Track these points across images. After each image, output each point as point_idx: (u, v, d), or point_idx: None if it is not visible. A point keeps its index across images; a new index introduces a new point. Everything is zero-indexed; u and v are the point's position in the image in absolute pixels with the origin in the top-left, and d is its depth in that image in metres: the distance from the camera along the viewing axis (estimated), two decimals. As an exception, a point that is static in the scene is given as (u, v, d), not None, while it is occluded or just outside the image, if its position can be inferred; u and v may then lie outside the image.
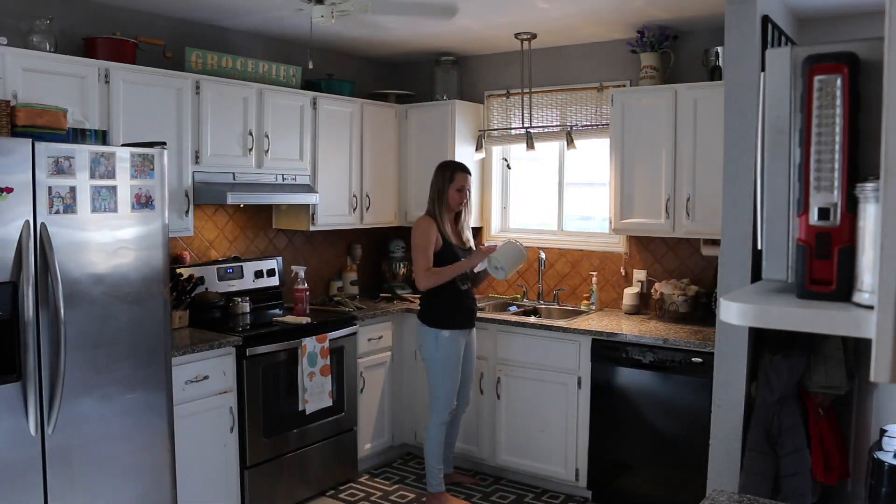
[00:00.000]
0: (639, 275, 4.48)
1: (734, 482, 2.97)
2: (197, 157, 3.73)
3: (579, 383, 3.98)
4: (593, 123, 4.62)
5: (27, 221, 2.61)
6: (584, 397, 3.98)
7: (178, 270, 3.87)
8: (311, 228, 4.41)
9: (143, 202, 3.00)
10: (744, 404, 2.99)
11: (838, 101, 1.02)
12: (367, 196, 4.74)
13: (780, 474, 2.90)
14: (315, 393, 3.91)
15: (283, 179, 4.18)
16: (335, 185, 4.52)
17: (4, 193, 2.54)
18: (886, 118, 0.86)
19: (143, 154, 2.99)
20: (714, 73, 3.99)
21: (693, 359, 3.62)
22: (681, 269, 4.33)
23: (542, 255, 4.75)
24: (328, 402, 4.00)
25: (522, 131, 4.76)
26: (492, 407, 4.32)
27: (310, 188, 4.32)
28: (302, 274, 4.30)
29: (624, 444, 3.89)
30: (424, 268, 3.78)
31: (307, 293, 4.23)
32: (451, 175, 3.89)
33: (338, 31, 4.28)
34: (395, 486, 4.27)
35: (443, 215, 3.87)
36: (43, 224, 2.66)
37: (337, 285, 4.90)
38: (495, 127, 5.02)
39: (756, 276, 2.85)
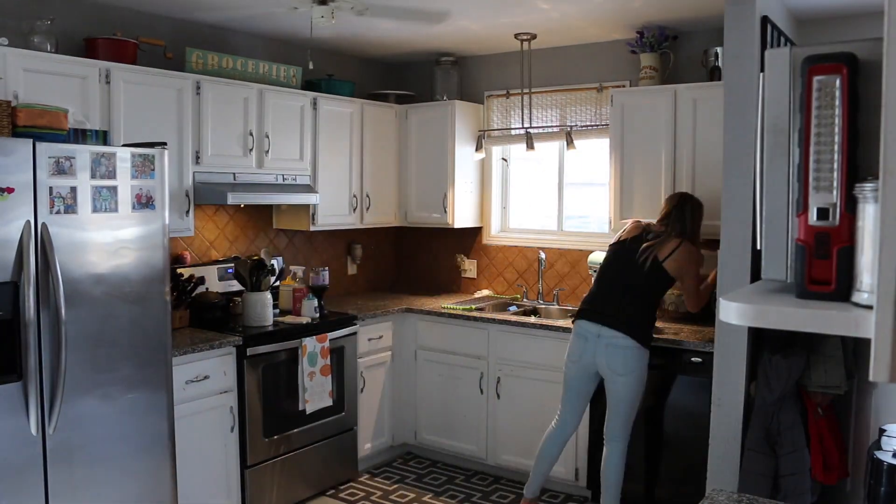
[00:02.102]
0: (638, 275, 4.47)
1: (733, 481, 2.97)
2: (197, 158, 3.73)
3: (579, 383, 3.98)
4: (593, 123, 4.63)
5: (28, 221, 2.61)
6: (584, 397, 3.98)
7: (179, 270, 3.87)
8: (312, 228, 4.42)
9: (144, 202, 3.00)
10: (743, 404, 3.00)
11: (837, 102, 1.03)
12: (368, 196, 4.74)
13: (779, 474, 2.91)
14: (315, 393, 3.91)
15: (284, 179, 4.18)
16: (335, 185, 4.52)
17: (5, 193, 2.54)
18: (885, 118, 0.87)
19: (143, 154, 2.99)
20: (713, 74, 3.99)
21: (693, 358, 3.62)
22: (680, 269, 4.33)
23: (542, 255, 4.76)
24: (328, 402, 4.00)
25: (522, 131, 4.77)
26: (492, 407, 4.33)
27: (310, 188, 4.32)
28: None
29: (624, 443, 3.89)
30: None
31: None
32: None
33: (338, 32, 4.29)
34: (395, 486, 4.27)
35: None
36: (44, 224, 2.66)
37: (337, 285, 4.91)
38: (495, 127, 5.02)
39: (755, 276, 2.86)
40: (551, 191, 4.93)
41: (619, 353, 3.46)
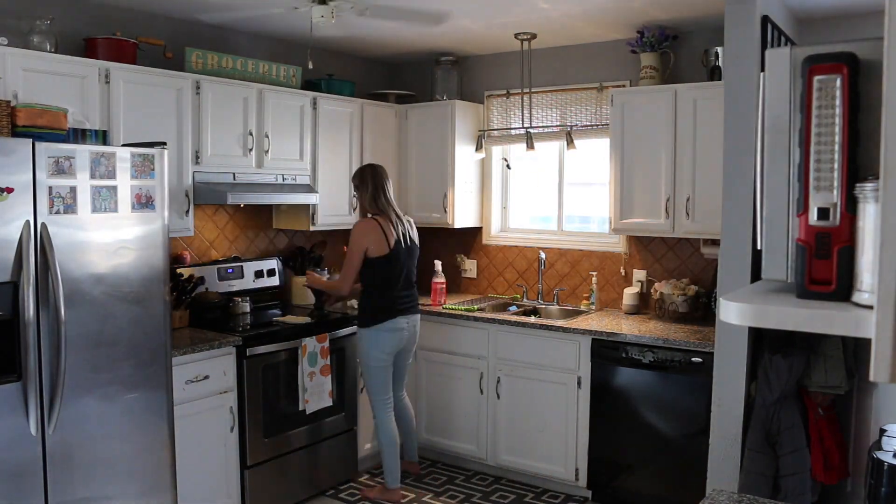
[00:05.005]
0: (638, 275, 4.48)
1: (734, 482, 2.97)
2: (197, 157, 3.73)
3: (579, 383, 3.99)
4: (593, 123, 4.63)
5: (28, 221, 2.61)
6: (584, 397, 3.98)
7: (179, 270, 3.87)
8: (312, 228, 4.42)
9: (144, 202, 3.00)
10: (743, 404, 3.00)
11: (838, 101, 1.03)
12: (367, 196, 4.74)
13: (779, 474, 2.91)
14: (315, 393, 3.91)
15: (283, 179, 4.18)
16: (335, 185, 4.52)
17: (5, 193, 2.54)
18: (886, 118, 0.87)
19: (143, 154, 2.99)
20: (714, 73, 3.99)
21: (693, 358, 3.62)
22: (681, 269, 4.34)
23: (542, 255, 4.76)
24: (328, 402, 4.00)
25: (522, 131, 4.77)
26: (492, 407, 4.33)
27: (310, 188, 4.32)
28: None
29: (624, 443, 3.89)
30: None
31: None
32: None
33: (338, 31, 4.28)
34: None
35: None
36: (43, 224, 2.66)
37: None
38: (495, 127, 5.02)
39: (756, 276, 2.85)
40: (551, 191, 4.93)
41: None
